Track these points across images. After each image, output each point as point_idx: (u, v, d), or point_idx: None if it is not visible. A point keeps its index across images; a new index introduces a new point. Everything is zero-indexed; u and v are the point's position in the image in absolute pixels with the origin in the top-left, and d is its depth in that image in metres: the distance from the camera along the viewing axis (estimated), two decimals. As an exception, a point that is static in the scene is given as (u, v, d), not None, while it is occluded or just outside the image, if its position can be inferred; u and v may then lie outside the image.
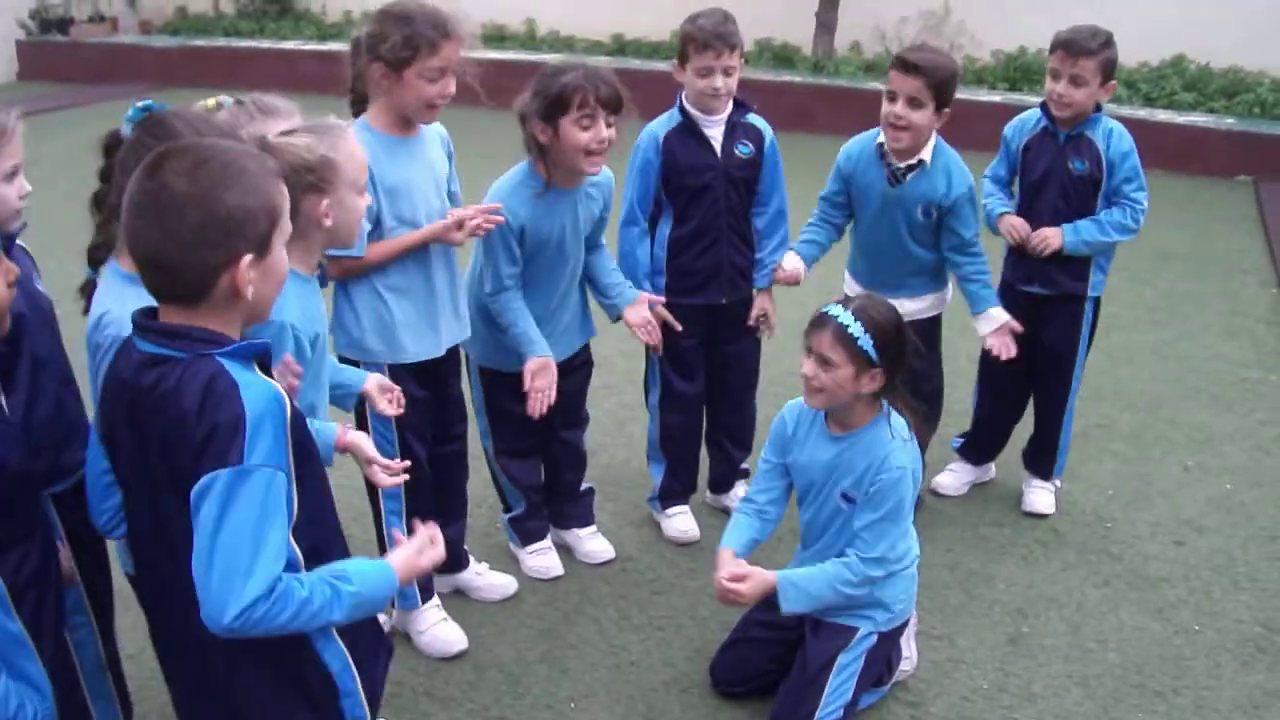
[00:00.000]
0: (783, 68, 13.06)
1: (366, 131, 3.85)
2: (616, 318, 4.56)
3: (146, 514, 2.47)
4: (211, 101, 3.13)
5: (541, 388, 4.21)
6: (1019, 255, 4.99)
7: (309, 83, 12.68)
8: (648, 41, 13.94)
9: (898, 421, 3.76)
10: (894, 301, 4.77)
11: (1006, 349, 4.77)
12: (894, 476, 3.66)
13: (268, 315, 2.56)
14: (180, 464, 2.29)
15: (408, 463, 3.32)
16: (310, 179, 3.04)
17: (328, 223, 3.12)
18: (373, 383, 3.57)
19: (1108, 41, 4.75)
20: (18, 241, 3.13)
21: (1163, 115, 11.25)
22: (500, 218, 4.05)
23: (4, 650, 2.42)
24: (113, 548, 3.13)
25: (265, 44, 15.27)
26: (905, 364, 3.72)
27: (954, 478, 5.32)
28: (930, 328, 4.91)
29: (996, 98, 11.45)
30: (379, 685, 2.74)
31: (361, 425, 4.03)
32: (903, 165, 4.70)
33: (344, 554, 2.62)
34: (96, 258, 2.96)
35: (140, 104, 2.88)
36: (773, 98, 4.76)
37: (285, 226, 2.42)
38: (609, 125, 4.12)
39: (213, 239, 2.28)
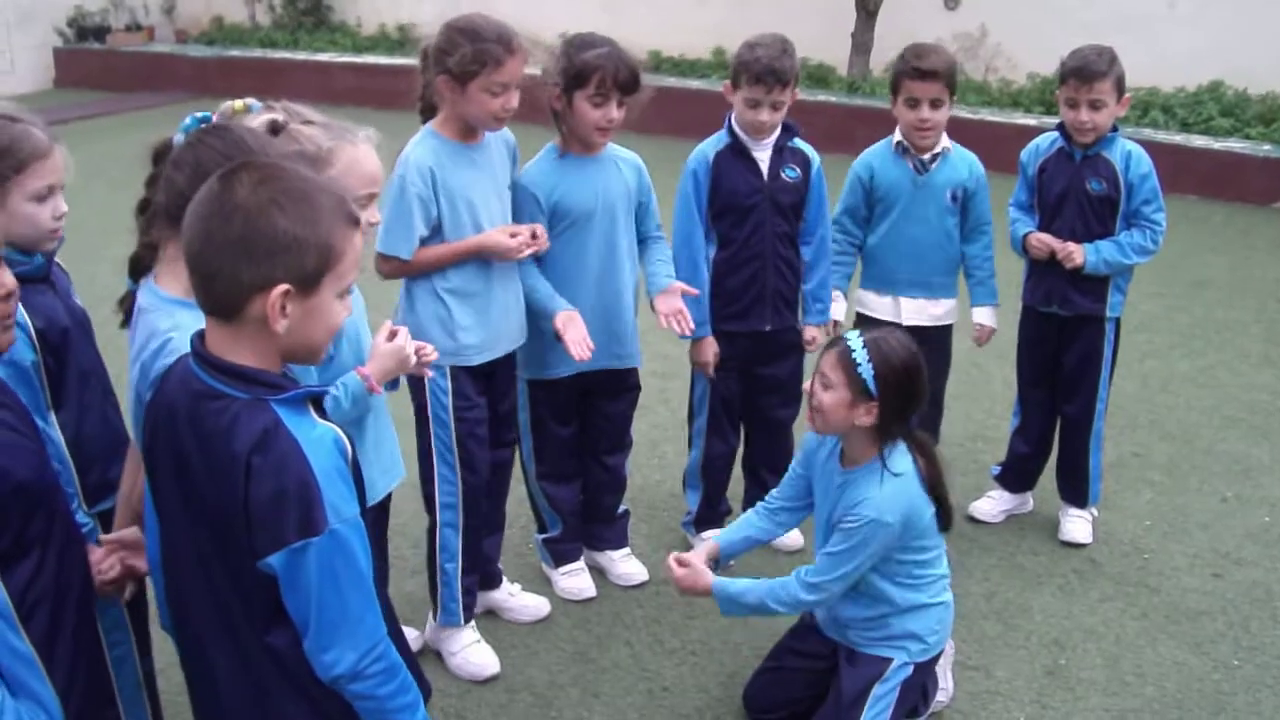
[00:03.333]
0: (818, 88, 13.03)
1: (433, 138, 3.96)
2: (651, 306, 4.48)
3: (181, 540, 2.43)
4: (239, 103, 3.10)
5: (576, 339, 4.13)
6: (1039, 277, 5.03)
7: (344, 95, 12.80)
8: (685, 59, 13.94)
9: (897, 466, 3.66)
10: (923, 304, 4.98)
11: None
12: (858, 521, 3.59)
13: (319, 359, 2.49)
14: (224, 506, 2.25)
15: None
16: None
17: None
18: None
19: (1114, 58, 4.78)
20: (55, 260, 3.13)
21: (1199, 141, 11.19)
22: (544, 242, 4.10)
23: (10, 668, 2.35)
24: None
25: (300, 55, 15.34)
26: (910, 409, 3.65)
27: (991, 504, 5.28)
28: (947, 336, 5.09)
29: (1032, 121, 11.39)
30: None
31: (423, 425, 4.09)
32: (926, 156, 4.90)
33: (382, 586, 2.61)
34: (138, 267, 2.93)
35: (198, 115, 2.86)
36: (808, 117, 4.73)
37: (343, 273, 2.32)
38: (620, 105, 4.18)
39: (250, 255, 2.22)
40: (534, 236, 4.07)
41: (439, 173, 3.89)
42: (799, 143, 4.71)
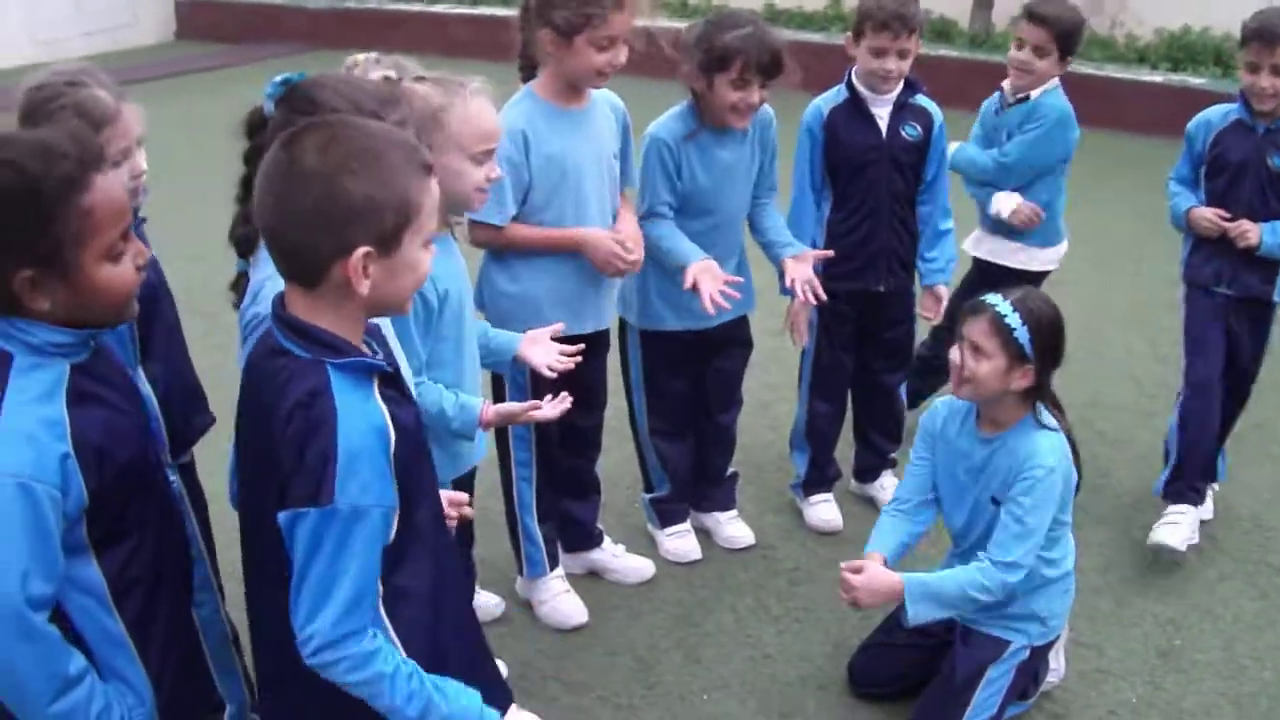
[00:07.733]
0: (939, 42, 12.75)
1: (529, 99, 3.86)
2: (780, 268, 4.40)
3: (247, 490, 2.45)
4: (361, 57, 3.07)
5: (710, 289, 4.01)
6: (1206, 255, 4.71)
7: (459, 47, 12.76)
8: (801, 12, 13.73)
9: (1048, 420, 3.60)
10: (1013, 247, 4.99)
11: None
12: (1036, 476, 3.49)
13: (406, 310, 2.46)
14: (266, 457, 2.24)
15: (565, 396, 3.38)
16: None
17: None
18: (528, 344, 3.54)
19: None
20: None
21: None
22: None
23: (101, 650, 2.37)
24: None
25: (416, 7, 15.32)
26: (1057, 365, 3.58)
27: (1174, 530, 4.64)
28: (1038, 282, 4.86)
29: (1158, 78, 11.06)
30: None
31: (499, 388, 4.04)
32: (1013, 98, 4.96)
33: (461, 590, 2.62)
34: (243, 249, 2.82)
35: (279, 79, 2.73)
36: (929, 73, 4.56)
37: (423, 224, 2.27)
38: (762, 88, 4.07)
39: (328, 224, 2.16)
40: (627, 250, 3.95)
41: (533, 138, 3.77)
42: (922, 99, 4.56)
